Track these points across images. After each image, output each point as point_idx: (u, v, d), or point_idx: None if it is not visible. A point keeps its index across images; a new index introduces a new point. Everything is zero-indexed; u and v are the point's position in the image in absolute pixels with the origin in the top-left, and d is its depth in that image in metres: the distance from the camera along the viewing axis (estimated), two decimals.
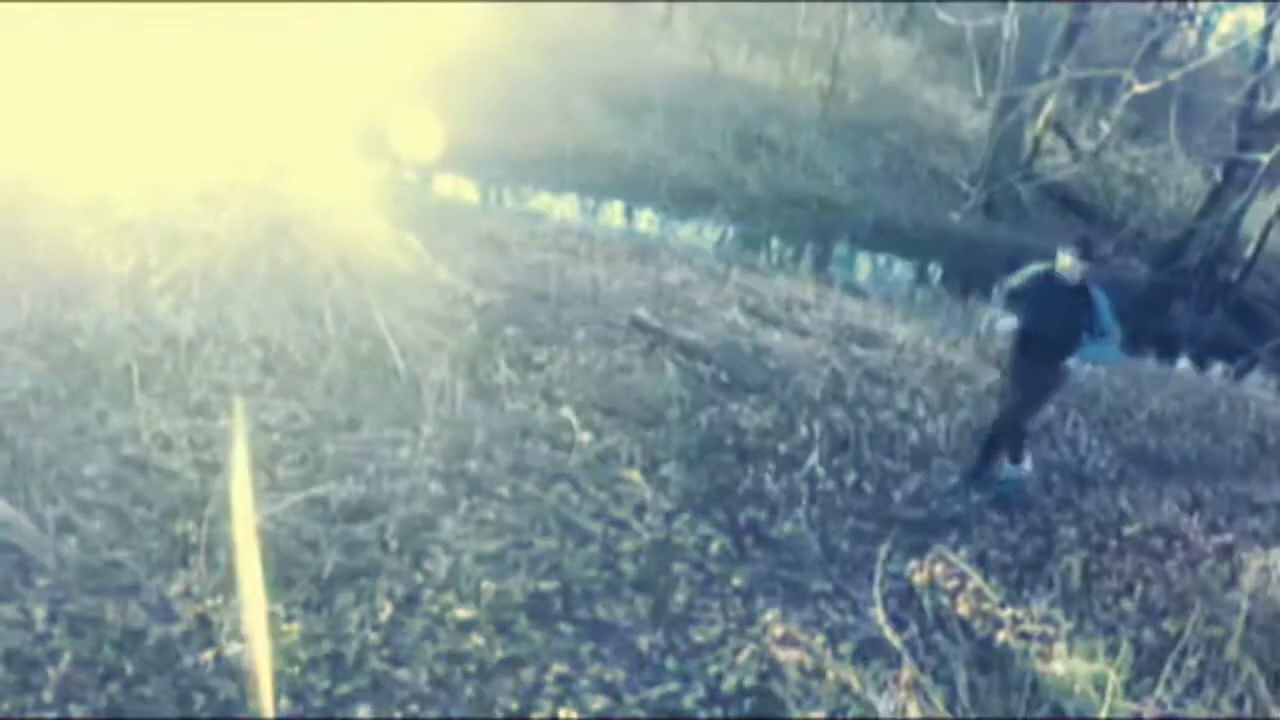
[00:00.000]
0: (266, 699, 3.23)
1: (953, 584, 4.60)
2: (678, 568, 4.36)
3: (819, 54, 15.98)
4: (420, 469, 4.55)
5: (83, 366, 4.72)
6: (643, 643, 3.90)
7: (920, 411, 6.16)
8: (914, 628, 4.15)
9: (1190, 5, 13.38)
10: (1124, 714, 3.63)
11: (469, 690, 3.49)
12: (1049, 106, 14.72)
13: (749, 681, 3.79)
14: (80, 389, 4.59)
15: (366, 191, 7.08)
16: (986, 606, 4.42)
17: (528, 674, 3.61)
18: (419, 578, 3.93)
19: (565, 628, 3.89)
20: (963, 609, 4.43)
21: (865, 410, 6.03)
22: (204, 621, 3.51)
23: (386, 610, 3.71)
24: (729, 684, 3.77)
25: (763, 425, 5.60)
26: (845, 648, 4.02)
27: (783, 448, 5.46)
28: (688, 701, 3.66)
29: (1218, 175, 13.37)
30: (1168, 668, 3.76)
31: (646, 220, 11.92)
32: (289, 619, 3.59)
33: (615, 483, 4.83)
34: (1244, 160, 11.10)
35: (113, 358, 4.77)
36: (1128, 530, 5.34)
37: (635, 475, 4.90)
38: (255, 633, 3.40)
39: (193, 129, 6.64)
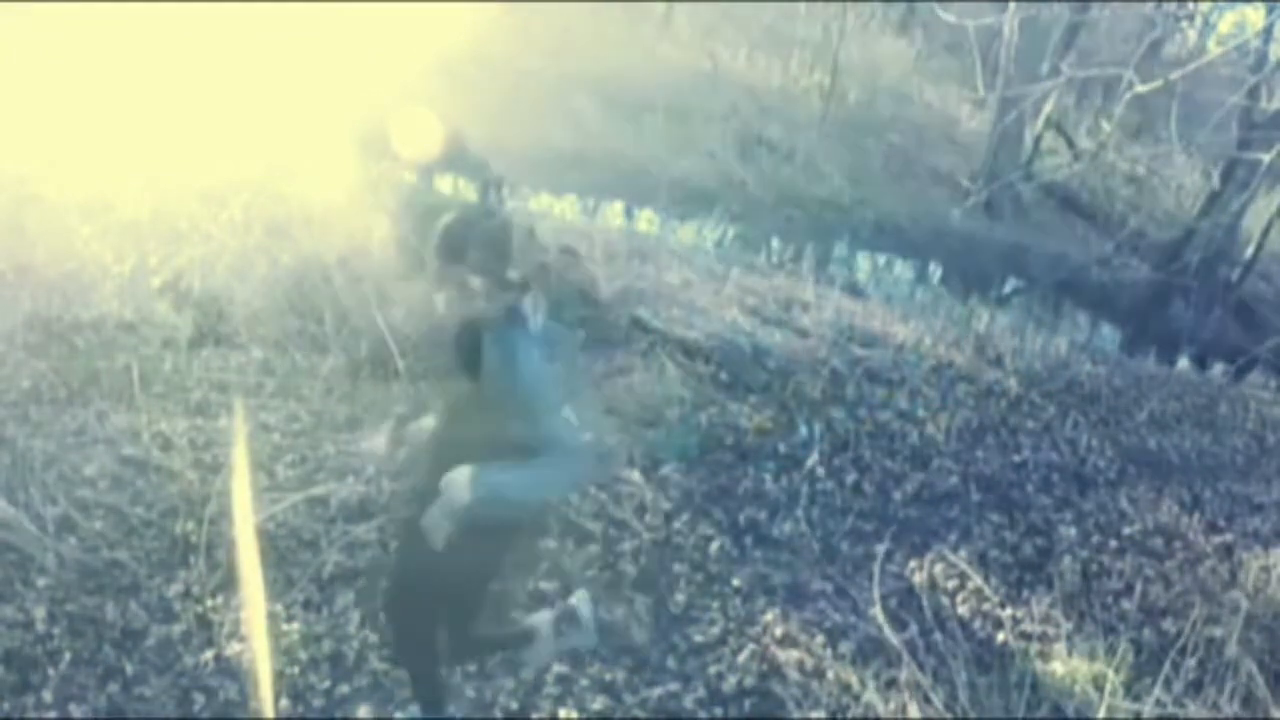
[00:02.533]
0: (266, 699, 3.23)
1: (953, 584, 4.60)
2: (678, 568, 4.36)
3: (819, 54, 15.98)
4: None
5: (83, 366, 4.72)
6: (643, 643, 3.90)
7: (920, 411, 6.16)
8: (914, 628, 4.15)
9: (1190, 5, 13.37)
10: (1124, 714, 3.62)
11: (469, 690, 3.49)
12: (1049, 106, 14.72)
13: (749, 681, 3.79)
14: (80, 389, 4.59)
15: (366, 191, 7.07)
16: (986, 606, 4.42)
17: (528, 674, 3.61)
18: None
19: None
20: (963, 609, 4.43)
21: (865, 410, 6.03)
22: (204, 621, 3.51)
23: None
24: (729, 684, 3.77)
25: (763, 425, 5.61)
26: (845, 648, 4.02)
27: (783, 448, 5.46)
28: (688, 701, 3.66)
29: (1217, 175, 13.37)
30: (1167, 668, 3.76)
31: (646, 220, 11.91)
32: (289, 619, 3.59)
33: (615, 483, 4.83)
34: (1244, 160, 11.10)
35: (113, 358, 4.77)
36: (1128, 530, 5.34)
37: (635, 475, 4.90)
38: (255, 633, 3.40)
39: (193, 128, 6.64)
